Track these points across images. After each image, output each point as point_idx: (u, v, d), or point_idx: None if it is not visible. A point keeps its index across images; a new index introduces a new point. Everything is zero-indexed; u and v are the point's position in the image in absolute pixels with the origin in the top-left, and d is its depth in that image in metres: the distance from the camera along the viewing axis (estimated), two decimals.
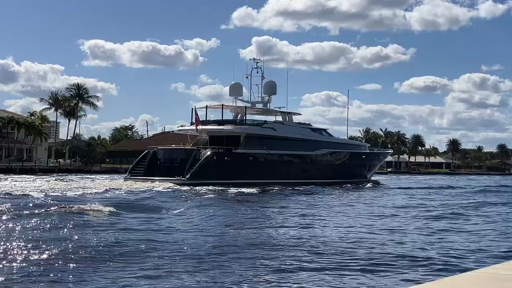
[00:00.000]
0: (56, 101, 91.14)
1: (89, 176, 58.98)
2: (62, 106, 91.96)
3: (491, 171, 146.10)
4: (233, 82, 58.91)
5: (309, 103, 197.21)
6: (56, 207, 22.79)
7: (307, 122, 60.90)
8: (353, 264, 13.09)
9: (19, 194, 30.93)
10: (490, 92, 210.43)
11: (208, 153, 47.38)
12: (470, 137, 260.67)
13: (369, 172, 63.79)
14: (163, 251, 14.28)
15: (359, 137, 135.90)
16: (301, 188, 43.76)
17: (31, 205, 23.86)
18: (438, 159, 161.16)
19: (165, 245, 15.27)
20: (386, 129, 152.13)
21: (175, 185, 42.55)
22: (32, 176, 55.22)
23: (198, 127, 50.68)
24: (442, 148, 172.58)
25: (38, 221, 18.66)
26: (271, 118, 57.97)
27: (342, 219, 23.53)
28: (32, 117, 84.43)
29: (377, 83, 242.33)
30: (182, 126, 60.47)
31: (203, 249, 14.77)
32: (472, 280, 4.58)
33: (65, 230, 17.25)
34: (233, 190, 39.40)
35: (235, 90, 58.30)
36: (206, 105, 56.02)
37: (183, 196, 33.99)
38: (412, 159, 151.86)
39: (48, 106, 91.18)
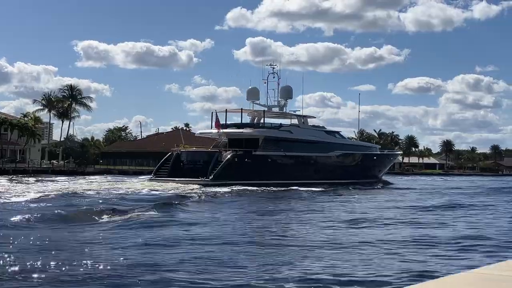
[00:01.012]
0: (50, 102, 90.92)
1: (114, 178, 59.92)
2: (56, 107, 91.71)
3: (484, 172, 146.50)
4: (250, 87, 61.28)
5: (303, 104, 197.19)
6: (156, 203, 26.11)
7: (321, 125, 64.26)
8: None
9: (89, 194, 32.77)
10: (484, 93, 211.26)
11: (230, 155, 49.50)
12: (463, 138, 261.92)
13: (380, 172, 66.50)
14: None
15: (353, 138, 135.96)
16: (316, 188, 44.71)
17: (128, 202, 26.90)
18: (432, 160, 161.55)
19: None
20: (380, 130, 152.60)
21: (199, 185, 44.28)
22: (61, 177, 57.10)
23: (218, 131, 53.15)
24: (436, 149, 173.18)
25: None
26: (285, 121, 60.47)
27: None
28: (26, 118, 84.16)
29: (371, 84, 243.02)
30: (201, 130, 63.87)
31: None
32: (468, 280, 4.59)
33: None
34: (274, 189, 43.04)
35: (252, 95, 60.40)
36: (226, 109, 57.66)
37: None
38: (405, 160, 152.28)
39: (42, 107, 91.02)
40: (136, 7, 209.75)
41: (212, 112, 55.85)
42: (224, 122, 54.96)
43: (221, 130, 53.22)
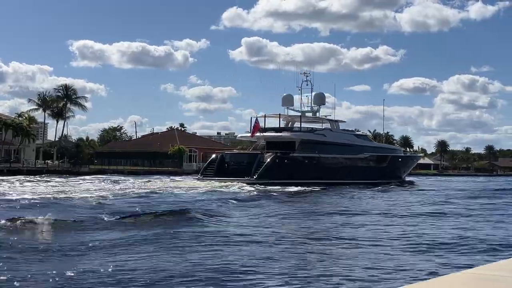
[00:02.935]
0: (44, 102, 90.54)
1: (152, 178, 60.88)
2: (50, 107, 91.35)
3: (479, 172, 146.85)
4: (285, 94, 65.10)
5: (298, 104, 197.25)
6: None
7: (350, 129, 67.76)
8: None
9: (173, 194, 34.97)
10: (479, 94, 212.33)
11: (271, 156, 53.31)
12: (458, 138, 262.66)
13: (404, 173, 70.12)
14: None
15: None
16: (346, 188, 47.13)
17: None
18: (427, 160, 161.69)
19: None
20: (375, 130, 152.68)
21: (245, 184, 47.73)
22: (121, 177, 60.48)
23: (256, 134, 57.40)
24: (431, 149, 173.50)
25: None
26: (316, 125, 64.36)
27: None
28: (20, 118, 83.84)
29: (366, 84, 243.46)
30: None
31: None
32: (462, 280, 4.59)
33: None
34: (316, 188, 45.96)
35: (287, 101, 64.37)
36: (265, 115, 61.38)
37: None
38: None
39: (36, 107, 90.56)
40: (132, 7, 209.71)
41: (251, 117, 61.59)
42: (264, 126, 59.03)
43: (261, 134, 57.46)
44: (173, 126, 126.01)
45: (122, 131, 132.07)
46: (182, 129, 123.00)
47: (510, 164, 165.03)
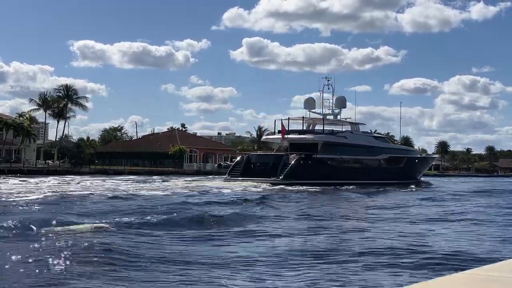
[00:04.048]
0: (45, 102, 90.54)
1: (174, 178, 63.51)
2: (51, 107, 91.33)
3: (480, 173, 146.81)
4: (307, 97, 68.72)
5: (299, 105, 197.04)
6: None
7: (369, 131, 70.82)
8: None
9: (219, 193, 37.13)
10: (480, 94, 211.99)
11: (296, 158, 55.58)
12: (459, 139, 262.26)
13: (419, 174, 71.99)
14: None
15: None
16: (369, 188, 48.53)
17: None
18: None
19: None
20: (375, 130, 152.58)
21: (271, 184, 50.44)
22: (154, 177, 63.07)
23: (283, 136, 59.94)
24: (431, 150, 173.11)
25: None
26: (336, 127, 66.56)
27: None
28: (21, 118, 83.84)
29: (367, 85, 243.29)
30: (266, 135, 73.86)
31: None
32: (462, 281, 4.61)
33: None
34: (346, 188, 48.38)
35: (309, 104, 66.89)
36: (288, 118, 64.24)
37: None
38: None
39: (37, 107, 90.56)
40: (133, 7, 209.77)
41: (275, 120, 67.33)
42: (288, 129, 61.76)
43: (286, 136, 60.14)
44: (173, 126, 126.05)
45: (122, 131, 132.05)
46: (183, 129, 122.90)
47: (511, 165, 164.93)
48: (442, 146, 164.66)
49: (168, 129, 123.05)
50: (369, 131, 70.27)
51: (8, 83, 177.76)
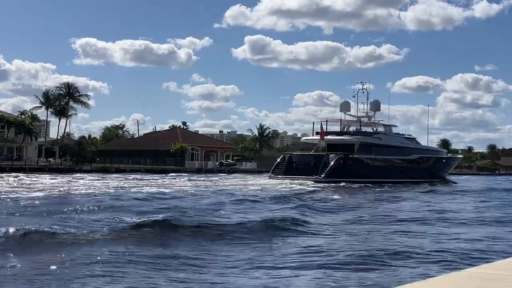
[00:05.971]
0: (47, 100, 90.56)
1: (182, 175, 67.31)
2: (53, 105, 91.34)
3: (481, 171, 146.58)
4: (343, 101, 72.53)
5: (301, 103, 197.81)
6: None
7: (401, 133, 74.45)
8: None
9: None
10: (483, 92, 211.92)
11: (336, 158, 58.56)
12: (461, 137, 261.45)
13: (446, 173, 75.11)
14: None
15: None
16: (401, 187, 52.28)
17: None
18: None
19: None
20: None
21: (313, 182, 53.12)
22: (179, 175, 66.15)
23: (322, 137, 62.93)
24: None
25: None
26: (369, 129, 70.29)
27: None
28: (23, 116, 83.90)
29: (370, 83, 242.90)
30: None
31: None
32: (461, 280, 4.60)
33: None
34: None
35: (345, 107, 70.73)
36: (327, 120, 67.95)
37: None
38: None
39: (39, 105, 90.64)
40: (135, 5, 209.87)
41: (313, 122, 72.87)
42: (326, 130, 64.92)
43: (325, 137, 63.25)
44: (175, 125, 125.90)
45: (124, 129, 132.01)
46: (185, 127, 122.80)
47: None
48: (444, 144, 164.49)
49: (169, 127, 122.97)
50: (401, 133, 74.72)
51: (10, 81, 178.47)
